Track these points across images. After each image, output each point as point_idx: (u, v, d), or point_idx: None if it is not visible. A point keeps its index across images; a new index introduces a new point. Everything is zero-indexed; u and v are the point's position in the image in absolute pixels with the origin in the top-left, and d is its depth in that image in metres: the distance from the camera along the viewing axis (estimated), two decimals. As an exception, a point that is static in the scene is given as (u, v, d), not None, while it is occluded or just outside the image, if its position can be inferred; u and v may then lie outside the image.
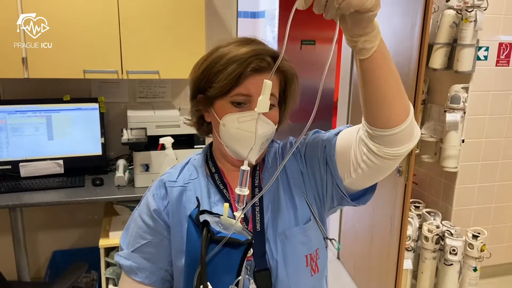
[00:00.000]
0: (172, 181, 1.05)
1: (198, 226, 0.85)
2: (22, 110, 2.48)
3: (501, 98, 3.09)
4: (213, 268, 0.83)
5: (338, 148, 0.98)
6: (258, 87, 0.89)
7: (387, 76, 0.81)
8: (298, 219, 1.02)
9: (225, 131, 0.97)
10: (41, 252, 2.92)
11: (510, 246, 3.37)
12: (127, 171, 2.52)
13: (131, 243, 1.02)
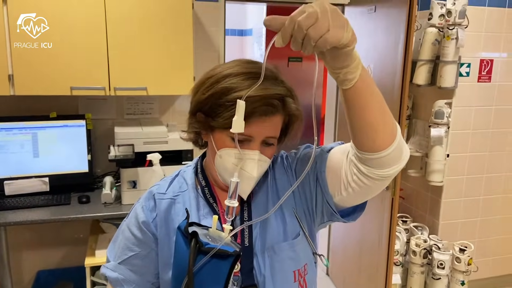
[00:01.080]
0: (161, 193, 1.03)
1: (187, 237, 0.85)
2: (7, 128, 2.45)
3: (483, 113, 3.14)
4: (201, 279, 0.83)
5: (329, 165, 0.98)
6: (262, 129, 0.91)
7: (370, 104, 0.81)
8: (287, 234, 1.00)
9: (220, 163, 0.96)
10: (25, 272, 2.86)
11: (496, 259, 3.38)
12: (114, 188, 2.49)
13: (118, 255, 1.01)
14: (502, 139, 3.23)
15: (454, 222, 3.21)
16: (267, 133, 0.93)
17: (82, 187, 2.59)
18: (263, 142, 0.94)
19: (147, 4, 2.41)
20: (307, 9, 0.69)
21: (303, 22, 0.68)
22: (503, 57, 3.10)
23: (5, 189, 2.43)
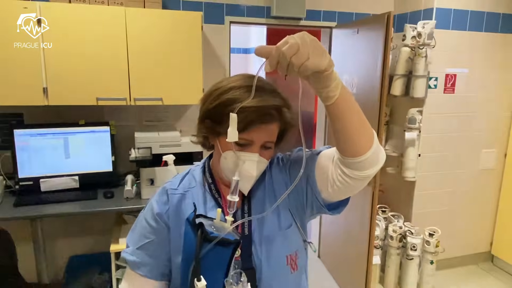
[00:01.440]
0: (173, 189, 1.01)
1: (194, 227, 0.84)
2: (42, 133, 2.35)
3: (449, 119, 3.06)
4: (206, 264, 0.81)
5: (317, 166, 0.95)
6: (261, 135, 0.91)
7: (349, 117, 0.81)
8: (281, 224, 0.98)
9: (225, 163, 0.94)
10: (59, 257, 2.75)
11: (459, 241, 3.31)
12: (134, 185, 2.42)
13: (136, 241, 0.99)
14: (464, 141, 3.16)
15: (424, 211, 3.14)
16: (266, 138, 0.92)
17: (107, 184, 2.49)
18: (262, 146, 0.93)
19: (163, 27, 2.31)
20: (290, 40, 0.70)
21: (287, 52, 0.69)
22: (464, 72, 3.04)
23: (41, 186, 2.34)
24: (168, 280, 1.00)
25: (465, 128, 3.13)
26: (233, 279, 0.84)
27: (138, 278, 0.97)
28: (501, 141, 3.26)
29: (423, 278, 2.93)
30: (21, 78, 2.11)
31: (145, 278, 0.96)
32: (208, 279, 0.81)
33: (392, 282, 3.01)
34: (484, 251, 3.43)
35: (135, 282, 0.97)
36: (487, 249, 3.43)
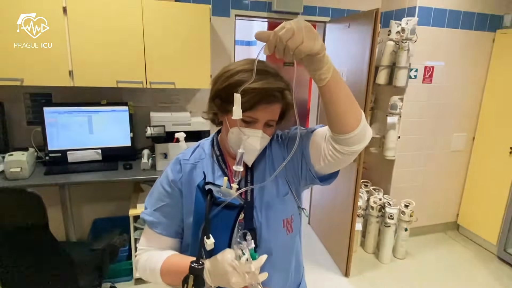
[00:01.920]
0: (185, 159, 1.00)
1: (204, 193, 0.85)
2: (69, 111, 2.31)
3: (426, 106, 3.03)
4: (214, 224, 0.83)
5: (311, 143, 0.95)
6: (265, 114, 0.89)
7: (340, 98, 0.80)
8: (279, 192, 0.98)
9: (232, 138, 0.93)
10: (84, 219, 2.76)
11: (431, 212, 3.33)
12: (150, 158, 2.40)
13: (153, 204, 0.99)
14: (438, 125, 3.13)
15: (401, 186, 3.14)
16: (269, 117, 0.91)
17: (126, 157, 2.47)
18: (265, 123, 0.92)
19: (175, 18, 2.25)
20: (286, 26, 0.69)
21: (283, 36, 0.68)
22: (441, 65, 2.99)
23: (68, 157, 2.32)
24: (181, 238, 1.00)
25: (439, 114, 3.10)
26: (240, 238, 0.84)
27: (155, 235, 0.97)
28: (471, 126, 3.24)
29: (398, 242, 2.96)
30: (50, 62, 2.07)
31: (160, 235, 0.97)
32: (215, 238, 0.82)
33: (372, 245, 3.04)
34: (451, 221, 3.46)
35: (152, 238, 0.97)
36: (454, 219, 3.46)
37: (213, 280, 0.82)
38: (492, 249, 3.10)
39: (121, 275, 2.48)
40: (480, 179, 3.21)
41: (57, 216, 2.48)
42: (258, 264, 0.81)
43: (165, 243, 0.97)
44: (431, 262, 2.95)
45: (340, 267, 2.78)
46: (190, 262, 0.81)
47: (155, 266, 0.91)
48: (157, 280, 0.92)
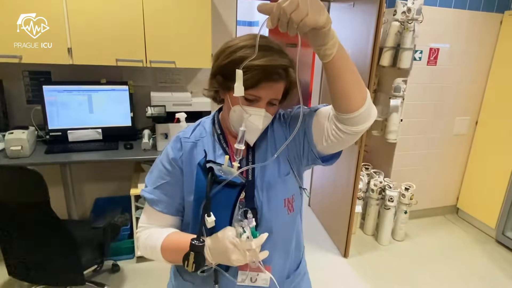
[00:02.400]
0: (186, 137, 0.97)
1: (205, 171, 0.83)
2: (68, 90, 2.29)
3: (430, 89, 2.99)
4: (215, 202, 0.81)
5: (314, 122, 0.91)
6: (268, 92, 0.86)
7: (345, 74, 0.76)
8: (280, 172, 0.96)
9: (234, 116, 0.89)
10: (86, 199, 2.77)
11: (430, 196, 3.33)
12: (151, 139, 2.39)
13: (153, 182, 0.97)
14: (441, 109, 3.09)
15: (402, 169, 3.14)
16: (272, 95, 0.87)
17: (127, 137, 2.46)
18: (268, 102, 0.88)
19: (176, -5, 2.19)
20: None
21: (287, 8, 0.65)
22: (446, 47, 2.92)
23: (68, 136, 2.31)
24: (181, 216, 0.99)
25: (443, 98, 3.06)
26: (241, 216, 0.83)
27: (155, 213, 0.96)
28: (474, 110, 3.20)
29: (397, 225, 2.98)
30: (48, 39, 2.02)
31: (161, 213, 0.95)
32: (216, 216, 0.81)
33: (371, 227, 3.06)
34: (451, 204, 3.47)
35: (153, 216, 0.96)
36: (453, 203, 3.47)
37: (214, 257, 0.82)
38: (491, 232, 3.12)
39: (123, 253, 2.51)
40: (481, 163, 3.20)
41: (59, 195, 2.48)
42: (259, 242, 0.80)
43: (166, 221, 0.96)
44: (429, 245, 2.98)
45: (339, 248, 2.81)
46: (190, 239, 0.81)
47: (155, 243, 0.91)
48: (158, 257, 0.92)
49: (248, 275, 0.95)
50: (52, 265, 1.83)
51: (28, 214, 1.67)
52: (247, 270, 0.94)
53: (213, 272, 0.92)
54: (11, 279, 2.11)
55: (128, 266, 2.46)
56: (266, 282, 0.97)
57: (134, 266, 2.47)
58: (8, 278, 2.10)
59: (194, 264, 0.81)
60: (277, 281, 0.95)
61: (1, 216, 1.72)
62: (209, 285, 0.95)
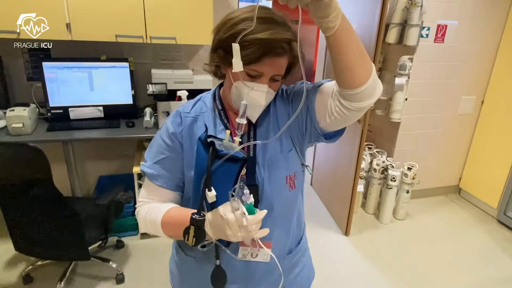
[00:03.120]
0: (186, 112, 0.94)
1: (206, 145, 0.82)
2: (68, 67, 2.25)
3: (436, 67, 2.92)
4: (216, 177, 0.81)
5: (318, 98, 0.88)
6: (271, 67, 0.82)
7: (349, 49, 0.72)
8: (283, 148, 0.94)
9: (235, 92, 0.86)
10: (89, 177, 2.79)
11: (433, 175, 3.32)
12: (152, 117, 2.36)
13: (153, 157, 0.94)
14: (447, 88, 3.03)
15: (406, 149, 3.11)
16: (275, 71, 0.83)
17: (128, 115, 2.44)
18: (271, 78, 0.85)
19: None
20: None
21: None
22: (454, 23, 2.83)
23: (70, 114, 2.29)
24: (181, 191, 0.98)
25: (449, 76, 2.99)
26: (236, 192, 0.79)
27: (155, 188, 0.94)
28: (480, 89, 3.14)
29: (399, 204, 2.98)
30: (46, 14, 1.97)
31: (161, 188, 0.94)
32: (217, 191, 0.80)
33: (372, 207, 3.07)
34: (454, 184, 3.46)
35: (153, 191, 0.95)
36: (456, 183, 3.46)
37: (214, 232, 0.81)
38: (492, 212, 3.12)
39: (127, 230, 2.55)
40: (486, 143, 3.16)
41: (62, 173, 2.49)
42: (255, 218, 0.78)
43: (166, 196, 0.95)
44: (430, 224, 2.99)
45: (340, 227, 2.83)
46: (191, 214, 0.80)
47: (155, 218, 0.90)
48: (158, 231, 0.91)
49: (249, 251, 0.95)
50: (57, 241, 1.85)
51: (32, 191, 1.68)
52: (248, 245, 0.94)
53: (214, 247, 0.92)
54: (18, 254, 2.15)
55: (132, 242, 2.50)
56: (267, 258, 0.97)
57: (138, 242, 2.51)
58: (15, 253, 2.14)
59: (194, 238, 0.81)
60: (277, 256, 0.95)
61: (5, 193, 1.73)
62: (211, 260, 0.95)
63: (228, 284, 0.97)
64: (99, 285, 2.10)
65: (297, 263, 1.09)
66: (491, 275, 2.41)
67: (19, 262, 2.23)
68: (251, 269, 0.97)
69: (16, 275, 2.12)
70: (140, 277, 2.19)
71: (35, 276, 2.12)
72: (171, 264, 1.10)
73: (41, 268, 2.17)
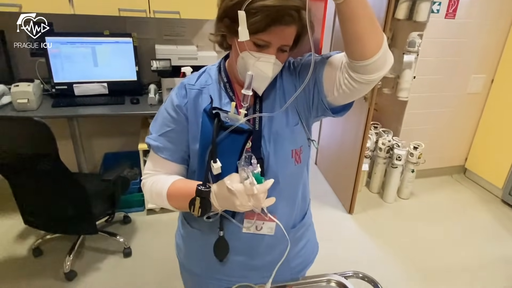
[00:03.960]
0: (191, 84, 0.92)
1: (211, 117, 0.80)
2: (71, 42, 2.21)
3: (446, 45, 2.83)
4: (221, 149, 0.80)
5: (326, 70, 0.85)
6: (280, 37, 0.79)
7: (360, 17, 0.69)
8: (289, 122, 0.92)
9: (242, 63, 0.84)
10: (95, 153, 2.80)
11: (439, 155, 3.29)
12: (157, 94, 2.34)
13: (158, 129, 0.93)
14: (456, 66, 2.95)
15: (412, 128, 3.06)
16: (283, 41, 0.80)
17: (132, 92, 2.41)
18: (279, 48, 0.82)
19: None
20: None
21: None
22: (468, -2, 2.73)
23: (74, 90, 2.28)
24: (186, 164, 0.97)
25: (458, 54, 2.90)
26: (244, 161, 0.79)
27: (160, 160, 0.93)
28: (491, 68, 3.05)
29: (403, 183, 2.97)
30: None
31: (166, 160, 0.93)
32: (222, 162, 0.79)
33: (377, 186, 3.07)
34: (459, 164, 3.43)
35: (158, 163, 0.95)
36: (462, 163, 3.43)
37: (220, 203, 0.81)
38: (497, 192, 3.10)
39: (133, 206, 2.58)
40: (494, 123, 3.11)
41: (69, 150, 2.50)
42: (263, 187, 0.77)
43: (171, 168, 0.94)
44: (434, 203, 2.99)
45: (344, 205, 2.84)
46: (196, 185, 0.80)
47: (161, 189, 0.90)
48: (164, 203, 0.91)
49: (253, 223, 0.95)
50: (64, 215, 1.88)
51: (38, 165, 1.69)
52: (253, 218, 0.93)
53: (219, 219, 0.92)
54: (28, 228, 2.19)
55: (138, 218, 2.54)
56: (271, 231, 0.97)
57: (145, 218, 2.55)
58: (25, 227, 2.18)
59: (200, 209, 0.80)
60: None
61: (14, 167, 1.74)
62: (216, 233, 0.95)
63: (232, 255, 0.98)
64: (107, 259, 2.15)
65: (302, 237, 1.09)
66: (493, 253, 2.42)
67: (29, 235, 2.27)
68: (256, 242, 0.98)
69: (26, 248, 2.17)
70: (147, 251, 2.23)
71: (45, 249, 2.17)
72: (177, 237, 1.11)
73: (50, 242, 2.22)
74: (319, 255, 1.17)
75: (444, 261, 2.32)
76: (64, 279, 1.96)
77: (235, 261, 0.98)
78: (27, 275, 1.98)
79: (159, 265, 2.11)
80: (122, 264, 2.12)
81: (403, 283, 2.13)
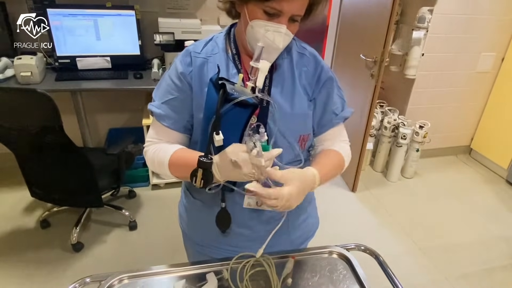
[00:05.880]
0: (196, 52, 0.89)
1: (217, 87, 0.76)
2: (73, 14, 2.17)
3: (457, 21, 2.73)
4: (225, 121, 0.76)
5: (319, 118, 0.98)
6: (292, 6, 0.76)
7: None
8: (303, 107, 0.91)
9: (251, 32, 0.80)
10: (100, 129, 2.80)
11: (444, 135, 3.25)
12: (160, 68, 2.30)
13: (161, 97, 0.91)
14: (466, 43, 2.86)
15: (418, 107, 3.01)
16: (295, 10, 0.77)
17: (136, 66, 2.37)
18: (290, 18, 0.79)
19: None
20: None
21: None
22: (481, -29, 2.61)
23: (77, 64, 2.25)
24: (189, 134, 0.95)
25: (469, 31, 2.81)
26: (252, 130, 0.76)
27: (163, 128, 0.91)
28: (502, 45, 2.96)
29: (407, 163, 2.95)
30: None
31: (168, 128, 0.91)
32: (225, 135, 0.77)
33: (381, 165, 3.06)
34: (465, 145, 3.39)
35: (160, 131, 0.93)
36: (467, 143, 3.39)
37: (222, 174, 0.80)
38: (502, 173, 3.08)
39: (138, 181, 2.60)
40: (502, 103, 3.04)
41: (73, 124, 2.50)
42: (270, 155, 0.76)
43: (173, 137, 0.93)
44: (438, 183, 2.98)
45: (347, 183, 2.84)
46: (198, 156, 0.78)
47: (163, 158, 0.89)
48: (166, 172, 0.90)
49: (254, 199, 0.94)
50: (70, 188, 1.90)
51: (43, 138, 1.69)
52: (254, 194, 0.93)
53: (220, 191, 0.92)
54: (35, 200, 2.23)
55: (143, 192, 2.56)
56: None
57: (149, 192, 2.57)
58: (32, 199, 2.22)
59: (202, 180, 0.80)
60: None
61: (19, 140, 1.75)
62: (217, 203, 0.95)
63: (234, 227, 0.98)
64: (113, 231, 2.19)
65: (303, 211, 1.09)
66: (494, 232, 2.42)
67: (36, 208, 2.31)
68: (257, 213, 0.97)
69: (34, 220, 2.21)
70: (152, 224, 2.26)
71: (52, 221, 2.21)
72: (180, 207, 1.12)
73: (57, 214, 2.26)
74: (321, 231, 1.17)
75: (445, 239, 2.33)
76: (71, 250, 2.01)
77: (237, 232, 0.98)
78: (35, 246, 2.02)
79: (164, 238, 2.15)
80: (128, 237, 2.16)
81: (404, 257, 2.15)
